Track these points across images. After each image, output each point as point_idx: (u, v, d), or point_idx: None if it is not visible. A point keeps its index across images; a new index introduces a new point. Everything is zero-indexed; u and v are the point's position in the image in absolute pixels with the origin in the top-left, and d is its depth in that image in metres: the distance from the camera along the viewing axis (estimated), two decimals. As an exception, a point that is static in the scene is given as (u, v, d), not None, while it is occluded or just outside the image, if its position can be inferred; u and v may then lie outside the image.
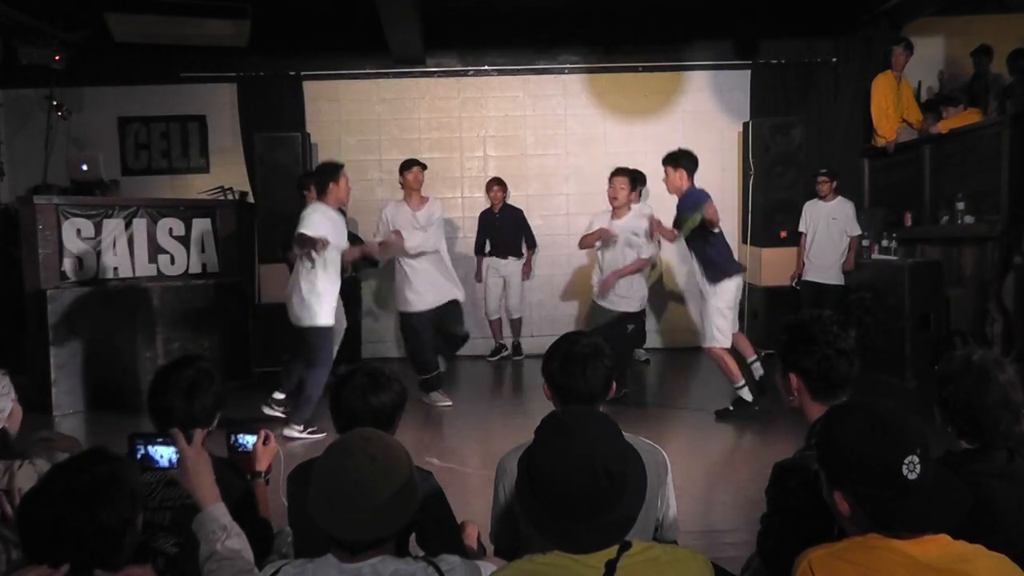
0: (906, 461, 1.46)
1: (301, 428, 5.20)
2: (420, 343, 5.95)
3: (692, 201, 5.37)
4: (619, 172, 5.90)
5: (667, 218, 5.82)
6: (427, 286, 5.85)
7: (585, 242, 6.07)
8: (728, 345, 5.45)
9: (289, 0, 7.41)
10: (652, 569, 1.46)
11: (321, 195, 5.26)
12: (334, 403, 2.22)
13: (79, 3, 7.09)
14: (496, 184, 7.78)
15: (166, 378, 2.21)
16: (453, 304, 5.95)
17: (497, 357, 7.97)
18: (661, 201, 7.72)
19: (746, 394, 5.39)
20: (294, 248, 5.25)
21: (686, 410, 5.85)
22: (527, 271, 7.98)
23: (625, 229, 5.78)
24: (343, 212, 5.60)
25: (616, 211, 5.87)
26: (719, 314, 5.36)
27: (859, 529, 1.53)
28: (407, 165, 6.07)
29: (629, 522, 1.48)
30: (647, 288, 6.11)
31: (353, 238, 6.14)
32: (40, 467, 2.20)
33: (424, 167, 6.12)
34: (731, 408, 5.44)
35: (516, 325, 8.04)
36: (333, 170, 5.29)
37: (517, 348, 8.06)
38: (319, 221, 5.08)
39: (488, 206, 7.89)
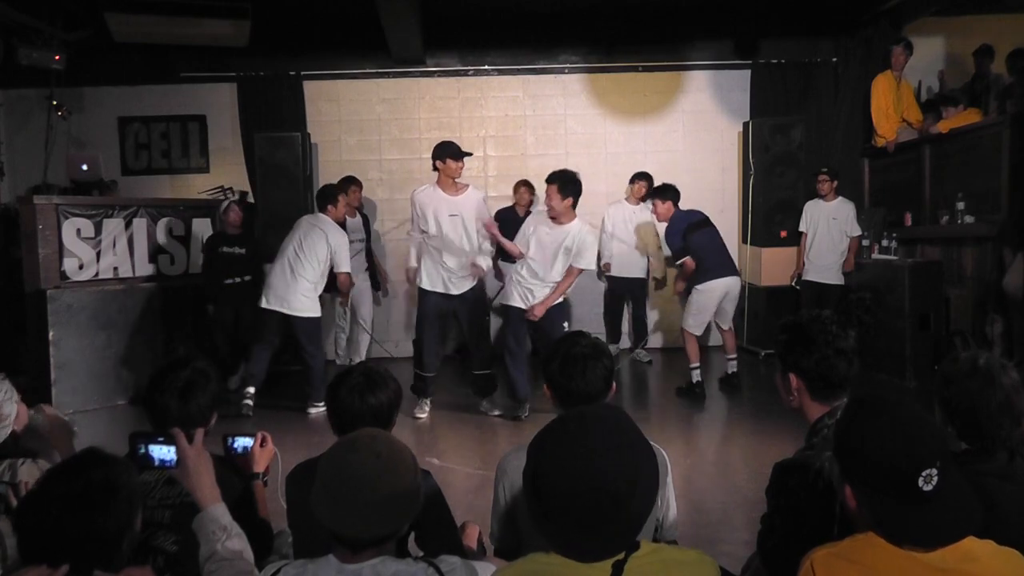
0: (923, 473, 1.43)
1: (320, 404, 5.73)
2: (421, 331, 5.69)
3: (675, 227, 6.11)
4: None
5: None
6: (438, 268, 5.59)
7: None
8: (697, 334, 6.17)
9: (289, 0, 7.41)
10: (660, 571, 1.43)
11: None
12: (331, 404, 2.22)
13: (79, 3, 7.10)
14: (524, 186, 7.57)
15: (163, 378, 2.21)
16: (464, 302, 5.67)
17: None
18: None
19: (695, 376, 6.09)
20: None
21: (686, 410, 5.85)
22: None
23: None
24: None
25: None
26: (695, 308, 6.10)
27: (864, 522, 1.52)
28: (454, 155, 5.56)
29: (636, 527, 1.44)
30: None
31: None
32: (43, 466, 2.20)
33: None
34: (684, 387, 6.19)
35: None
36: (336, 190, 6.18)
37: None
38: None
39: (509, 205, 7.59)
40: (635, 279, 7.56)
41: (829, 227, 6.99)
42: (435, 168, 5.56)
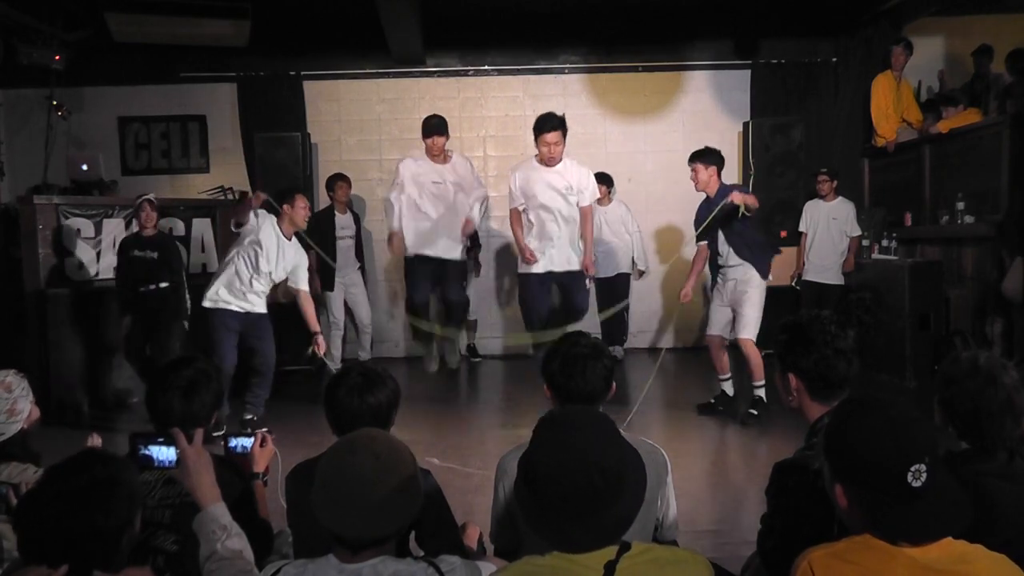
0: (912, 469, 1.44)
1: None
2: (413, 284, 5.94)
3: (723, 198, 5.27)
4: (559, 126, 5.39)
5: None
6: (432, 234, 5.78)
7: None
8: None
9: (289, 0, 7.41)
10: (652, 570, 1.45)
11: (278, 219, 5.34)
12: (329, 405, 2.22)
13: (79, 3, 7.09)
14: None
15: (165, 378, 2.21)
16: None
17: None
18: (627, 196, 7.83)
19: (763, 393, 5.38)
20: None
21: (686, 410, 5.84)
22: (478, 270, 7.91)
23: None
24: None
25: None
26: (759, 304, 5.33)
27: (855, 522, 1.53)
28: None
29: (626, 522, 1.48)
30: None
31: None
32: None
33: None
34: (753, 412, 5.38)
35: (473, 326, 8.04)
36: (288, 193, 5.43)
37: (473, 350, 8.06)
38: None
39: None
40: (618, 276, 7.61)
41: (829, 227, 6.98)
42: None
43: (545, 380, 2.26)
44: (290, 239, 5.34)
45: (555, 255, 5.40)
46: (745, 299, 5.32)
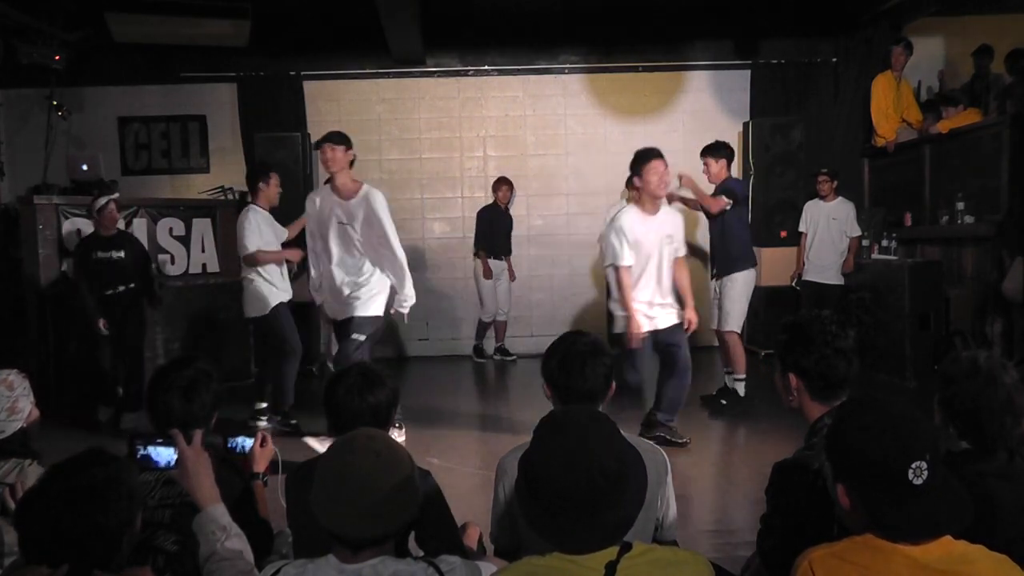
0: (913, 466, 1.45)
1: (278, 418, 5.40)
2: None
3: (725, 189, 5.53)
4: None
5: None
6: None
7: None
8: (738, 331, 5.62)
9: (289, 0, 7.41)
10: (653, 571, 1.45)
11: (253, 197, 5.53)
12: (329, 404, 2.21)
13: (79, 3, 7.09)
14: (505, 184, 7.82)
15: (165, 378, 2.21)
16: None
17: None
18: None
19: (741, 388, 5.59)
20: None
21: (686, 410, 5.83)
22: (513, 273, 8.01)
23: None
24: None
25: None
26: (739, 299, 5.53)
27: (857, 523, 1.53)
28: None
29: (627, 523, 1.47)
30: None
31: None
32: None
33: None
34: (723, 401, 5.63)
35: (503, 327, 8.07)
36: (263, 172, 5.59)
37: (504, 350, 8.07)
38: (252, 231, 5.30)
39: (488, 204, 7.93)
40: None
41: (829, 227, 6.98)
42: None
43: (544, 379, 2.26)
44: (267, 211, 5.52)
45: (661, 313, 4.70)
46: (725, 293, 5.55)
